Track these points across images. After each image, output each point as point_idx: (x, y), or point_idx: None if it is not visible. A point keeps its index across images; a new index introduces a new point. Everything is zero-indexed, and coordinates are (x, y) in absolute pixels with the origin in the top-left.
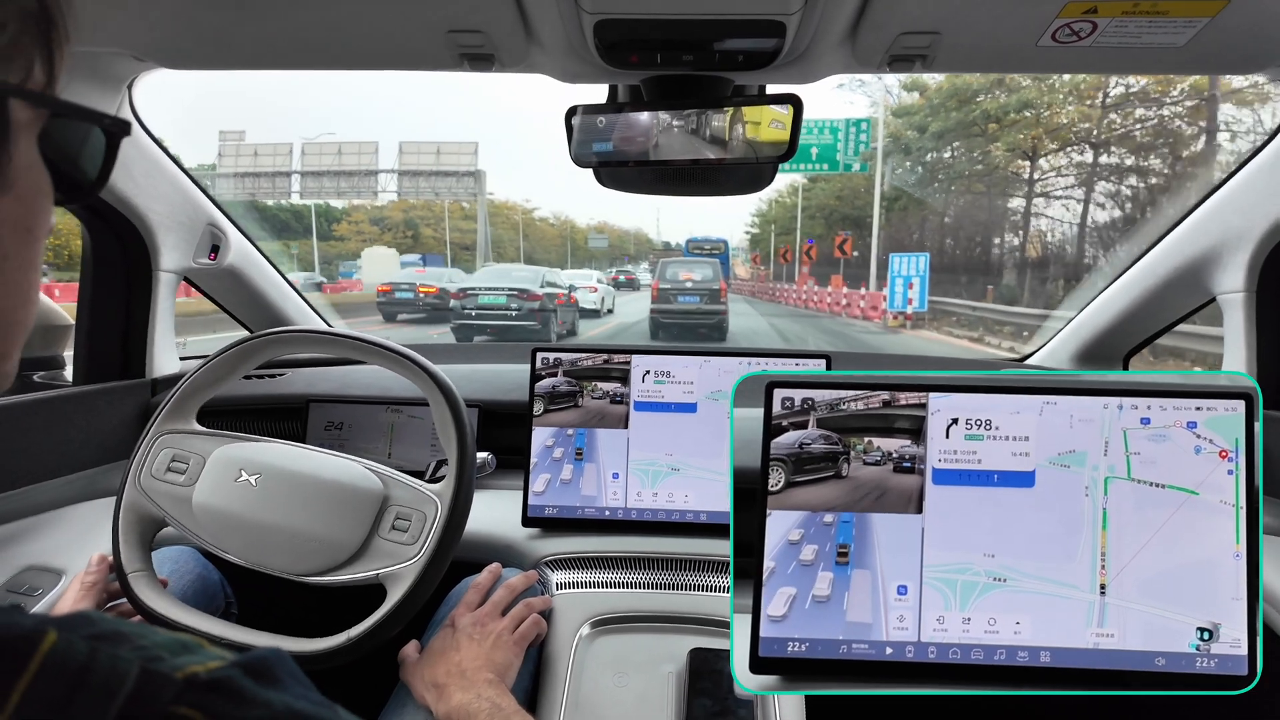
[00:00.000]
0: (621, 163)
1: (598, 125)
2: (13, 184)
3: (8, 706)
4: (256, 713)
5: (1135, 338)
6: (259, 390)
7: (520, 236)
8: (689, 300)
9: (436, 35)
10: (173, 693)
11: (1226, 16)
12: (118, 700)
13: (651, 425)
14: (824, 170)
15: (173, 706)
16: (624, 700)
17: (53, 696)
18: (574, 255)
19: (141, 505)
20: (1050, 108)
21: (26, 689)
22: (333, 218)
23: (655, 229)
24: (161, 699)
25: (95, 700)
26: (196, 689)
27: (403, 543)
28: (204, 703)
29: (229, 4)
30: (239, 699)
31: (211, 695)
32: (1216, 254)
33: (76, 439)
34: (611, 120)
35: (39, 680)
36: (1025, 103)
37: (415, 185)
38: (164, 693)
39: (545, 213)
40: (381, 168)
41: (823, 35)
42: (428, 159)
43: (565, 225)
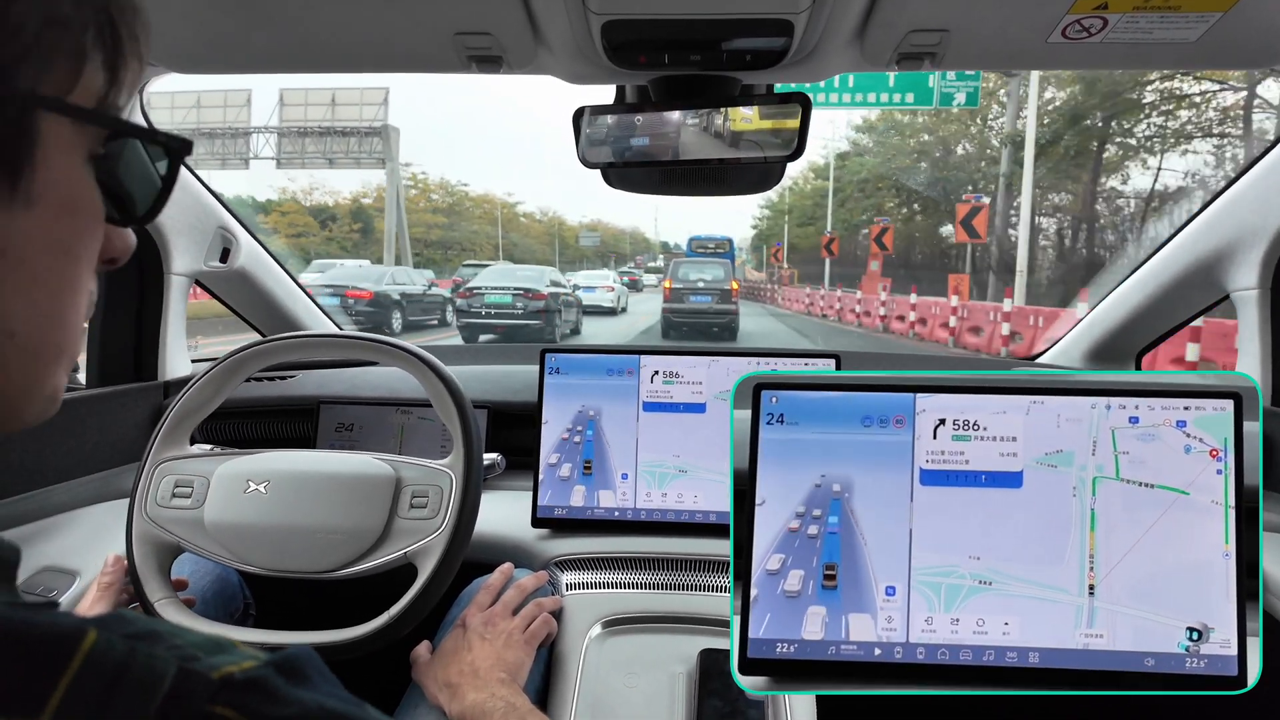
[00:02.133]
0: (629, 163)
1: (605, 126)
2: (39, 199)
3: (50, 704)
4: (290, 711)
5: (1148, 335)
6: (270, 392)
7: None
8: (701, 300)
9: (444, 37)
10: (209, 692)
11: (1239, 10)
12: (156, 699)
13: (660, 425)
14: (908, 103)
15: (210, 706)
16: (634, 701)
17: (94, 694)
18: (563, 254)
19: (153, 535)
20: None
21: (69, 687)
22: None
23: (653, 227)
24: (198, 698)
25: (134, 699)
26: (232, 688)
27: (424, 518)
28: (240, 702)
29: (239, 9)
30: (273, 698)
31: (247, 694)
32: (1230, 250)
33: (90, 441)
34: (619, 121)
35: (80, 678)
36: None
37: (300, 148)
38: (201, 692)
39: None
40: (261, 125)
41: (831, 34)
42: (319, 112)
43: (553, 221)
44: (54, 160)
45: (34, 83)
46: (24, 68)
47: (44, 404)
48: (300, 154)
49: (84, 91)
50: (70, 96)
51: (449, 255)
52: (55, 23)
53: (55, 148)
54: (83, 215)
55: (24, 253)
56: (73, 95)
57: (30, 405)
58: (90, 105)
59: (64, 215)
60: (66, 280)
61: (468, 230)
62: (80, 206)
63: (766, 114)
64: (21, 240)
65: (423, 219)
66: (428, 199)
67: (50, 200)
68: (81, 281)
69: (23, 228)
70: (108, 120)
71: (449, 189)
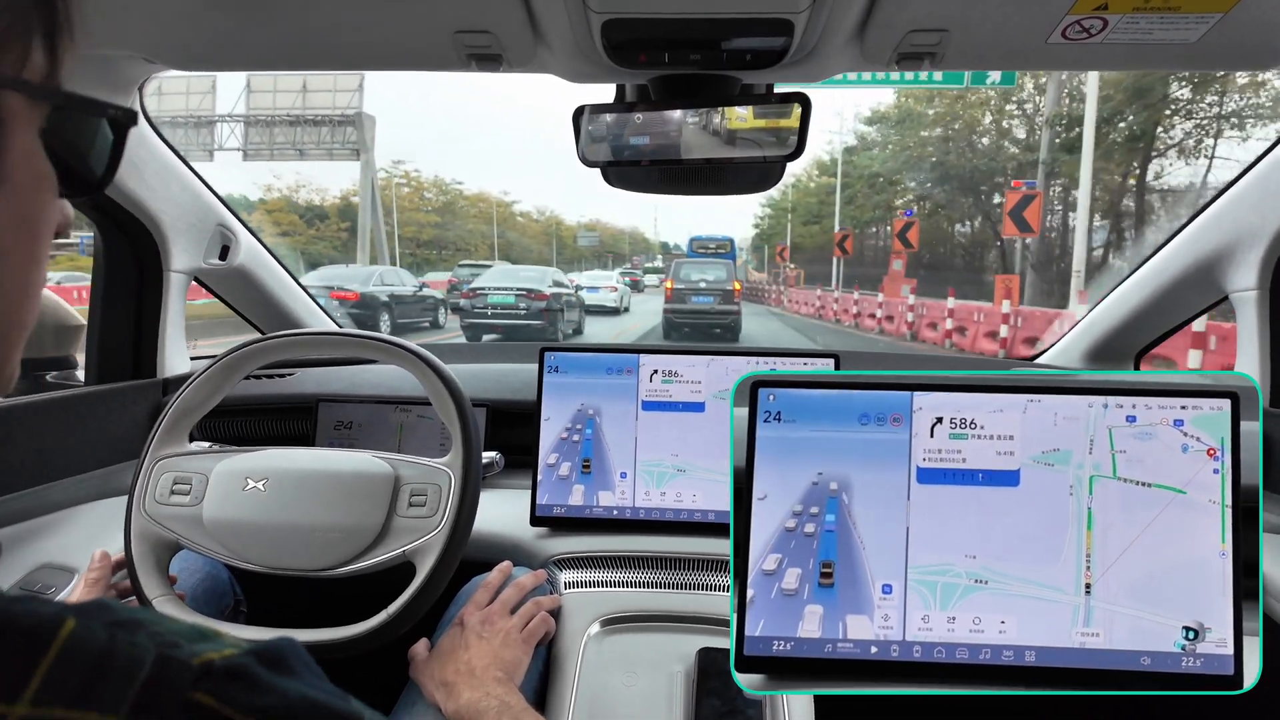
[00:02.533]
0: (629, 162)
1: (605, 125)
2: (8, 177)
3: (28, 691)
4: (271, 700)
5: (1147, 336)
6: (269, 390)
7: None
8: (703, 300)
9: (444, 36)
10: (189, 679)
11: (1240, 12)
12: (135, 685)
13: (659, 424)
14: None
15: (189, 693)
16: (632, 700)
17: (72, 681)
18: (561, 254)
19: (152, 532)
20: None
21: (46, 673)
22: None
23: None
24: (178, 685)
25: (113, 685)
26: (213, 676)
27: (423, 516)
28: (220, 689)
29: (238, 6)
30: (254, 686)
31: (227, 682)
32: (1230, 251)
33: (89, 439)
34: (619, 120)
35: (58, 665)
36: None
37: (269, 138)
38: (181, 679)
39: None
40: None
41: (831, 34)
42: (289, 99)
43: (551, 221)
44: (16, 138)
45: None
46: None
47: (4, 384)
48: (269, 144)
49: (32, 68)
50: (25, 72)
51: (444, 255)
52: (20, 3)
53: (16, 125)
54: (45, 190)
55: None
56: (25, 72)
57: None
58: (37, 81)
59: (30, 192)
60: (30, 255)
61: (462, 229)
62: (42, 182)
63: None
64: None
65: (415, 218)
66: (421, 197)
67: (17, 178)
68: (44, 256)
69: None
70: (59, 95)
71: (443, 187)
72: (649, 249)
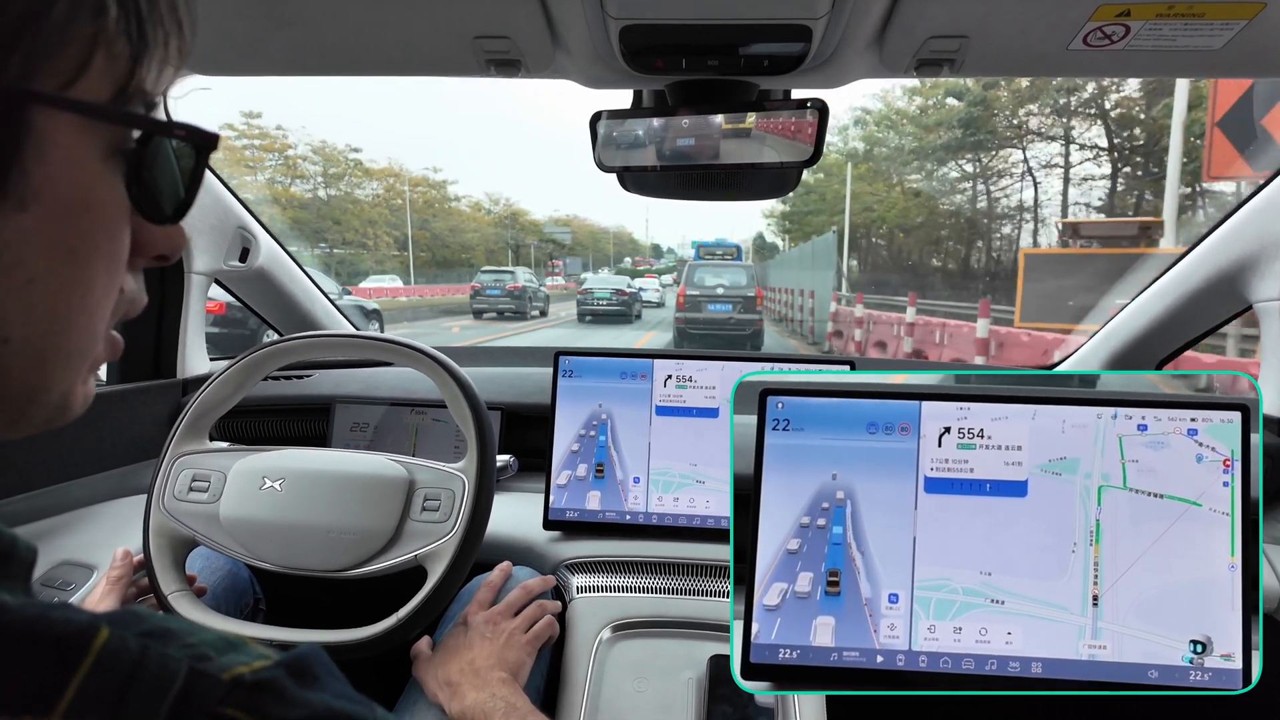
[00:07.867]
0: (646, 168)
1: (622, 130)
2: (37, 199)
3: (63, 701)
4: (298, 713)
5: (1168, 346)
6: (286, 391)
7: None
8: (720, 309)
9: (463, 41)
10: (220, 693)
11: (1264, 18)
12: (167, 700)
13: (673, 429)
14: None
15: (220, 708)
16: (643, 706)
17: (106, 692)
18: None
19: (170, 528)
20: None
21: (81, 684)
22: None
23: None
24: (209, 699)
25: (146, 698)
26: (242, 689)
27: (436, 521)
28: (249, 703)
29: (260, 13)
30: (281, 699)
31: (256, 696)
32: (1254, 260)
33: (110, 437)
34: (636, 125)
35: (93, 676)
36: None
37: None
38: (211, 694)
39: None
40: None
41: (849, 40)
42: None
43: (506, 212)
44: (53, 158)
45: (23, 76)
46: (11, 60)
47: (53, 410)
48: None
49: (95, 83)
50: (74, 89)
51: (316, 252)
52: (50, 8)
53: (55, 145)
54: (94, 215)
55: (19, 255)
56: (77, 87)
57: (36, 410)
58: (104, 98)
59: (68, 216)
60: (68, 281)
61: (356, 215)
62: (90, 206)
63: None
64: (17, 243)
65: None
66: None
67: (50, 201)
68: (94, 283)
69: (17, 229)
70: (116, 115)
71: (329, 154)
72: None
